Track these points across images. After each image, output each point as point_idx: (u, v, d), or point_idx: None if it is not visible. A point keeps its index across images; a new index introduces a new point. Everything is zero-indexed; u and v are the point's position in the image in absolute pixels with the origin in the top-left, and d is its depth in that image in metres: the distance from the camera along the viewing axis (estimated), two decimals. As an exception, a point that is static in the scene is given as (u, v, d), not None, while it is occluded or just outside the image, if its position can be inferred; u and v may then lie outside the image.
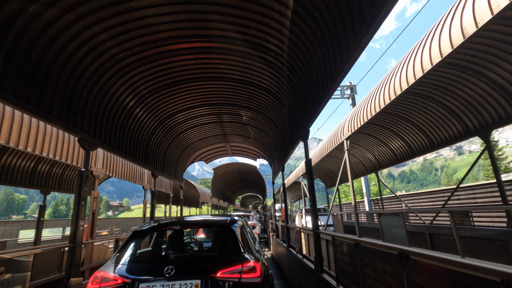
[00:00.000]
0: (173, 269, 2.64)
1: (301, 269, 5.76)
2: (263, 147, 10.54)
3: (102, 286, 2.63)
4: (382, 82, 5.11)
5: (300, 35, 3.90)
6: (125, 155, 6.11)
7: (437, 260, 1.73)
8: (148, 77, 5.46)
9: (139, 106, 6.09)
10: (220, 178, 20.27)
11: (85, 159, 4.70)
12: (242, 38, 4.63)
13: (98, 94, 4.86)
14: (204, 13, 4.12)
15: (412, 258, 2.08)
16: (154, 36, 4.48)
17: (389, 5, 2.06)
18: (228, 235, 3.28)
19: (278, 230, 11.82)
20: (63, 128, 4.15)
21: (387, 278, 2.45)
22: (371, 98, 5.45)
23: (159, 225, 3.50)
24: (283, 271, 8.85)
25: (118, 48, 4.40)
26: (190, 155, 11.04)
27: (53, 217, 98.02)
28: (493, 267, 1.28)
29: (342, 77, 3.14)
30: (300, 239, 6.65)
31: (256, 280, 2.72)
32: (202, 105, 7.40)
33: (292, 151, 6.85)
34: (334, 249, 3.99)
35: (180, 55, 5.15)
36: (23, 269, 3.58)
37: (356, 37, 2.60)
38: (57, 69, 3.86)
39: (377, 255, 2.65)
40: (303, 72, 4.48)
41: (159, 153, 8.32)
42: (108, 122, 5.36)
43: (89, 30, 3.83)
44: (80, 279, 4.35)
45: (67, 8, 3.41)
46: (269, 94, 6.30)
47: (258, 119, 7.99)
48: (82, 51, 4.04)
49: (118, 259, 2.93)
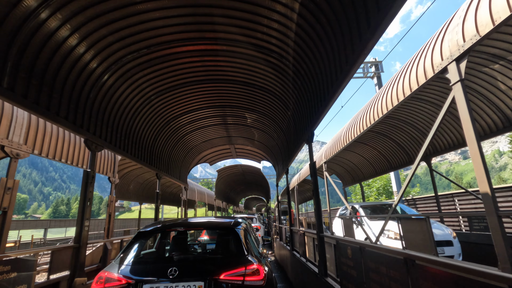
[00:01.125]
0: (177, 271, 2.64)
1: (304, 272, 5.72)
2: (267, 150, 10.54)
3: (106, 286, 2.64)
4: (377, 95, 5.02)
5: (305, 38, 3.91)
6: (131, 156, 6.16)
7: (444, 265, 1.71)
8: (153, 79, 5.51)
9: (144, 108, 6.14)
10: (224, 180, 20.27)
11: (91, 160, 4.75)
12: (248, 40, 4.65)
13: (105, 96, 4.91)
14: (209, 16, 4.16)
15: (418, 263, 2.06)
16: (161, 39, 4.53)
17: (395, 9, 2.05)
18: (231, 237, 3.28)
19: (281, 233, 11.77)
20: (70, 129, 4.21)
21: (392, 284, 2.42)
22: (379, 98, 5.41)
23: (163, 226, 3.51)
24: (287, 274, 8.80)
25: (125, 50, 4.46)
26: (195, 156, 11.08)
27: (53, 217, 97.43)
28: (501, 273, 1.25)
29: (348, 79, 3.13)
30: (304, 242, 6.61)
31: (260, 283, 2.70)
32: (207, 107, 7.44)
33: (297, 153, 6.83)
34: (338, 253, 3.96)
35: (186, 58, 5.19)
36: (28, 268, 3.62)
37: (361, 40, 2.60)
38: (65, 71, 3.92)
39: (382, 259, 2.62)
40: (308, 75, 4.48)
41: (164, 154, 8.37)
42: (114, 124, 5.42)
43: (96, 32, 3.89)
44: (85, 279, 4.38)
45: (75, 11, 3.46)
46: (274, 96, 6.30)
47: (263, 121, 8.00)
48: (89, 54, 4.10)
49: (122, 260, 2.94)
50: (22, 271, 3.51)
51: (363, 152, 10.27)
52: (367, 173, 11.06)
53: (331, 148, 7.22)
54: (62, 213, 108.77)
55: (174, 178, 9.62)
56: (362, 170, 11.21)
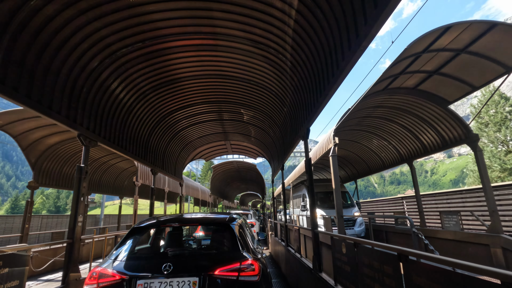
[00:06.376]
0: (171, 266, 2.63)
1: (299, 268, 5.77)
2: (263, 146, 10.53)
3: (100, 282, 2.62)
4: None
5: (302, 35, 3.88)
6: (125, 151, 6.10)
7: (437, 261, 1.73)
8: (148, 73, 5.44)
9: (139, 102, 6.07)
10: (219, 176, 20.25)
11: (85, 155, 4.69)
12: (245, 36, 4.61)
13: (99, 90, 4.84)
14: (206, 10, 4.10)
15: (411, 259, 2.08)
16: (156, 33, 4.46)
17: (391, 5, 2.05)
18: (226, 233, 3.27)
19: (276, 229, 11.83)
20: (63, 123, 4.14)
21: (385, 279, 2.44)
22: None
23: (158, 222, 3.49)
24: (282, 269, 8.87)
25: (119, 44, 4.39)
26: (190, 152, 11.03)
27: (11, 212, 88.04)
28: (494, 269, 1.27)
29: (343, 76, 3.13)
30: (298, 238, 6.65)
31: (254, 279, 2.71)
32: (203, 102, 7.39)
33: (292, 150, 6.84)
34: (333, 248, 3.99)
35: (182, 52, 5.13)
36: (21, 263, 3.58)
37: (358, 37, 2.59)
38: (57, 64, 3.84)
39: (375, 255, 2.64)
40: (305, 71, 4.47)
41: (159, 150, 8.31)
42: (108, 118, 5.35)
43: (90, 25, 3.82)
44: (79, 274, 4.35)
45: (68, 3, 3.39)
46: (270, 92, 6.28)
47: (259, 117, 7.98)
48: (82, 47, 4.03)
49: (116, 256, 2.92)
50: (15, 266, 3.47)
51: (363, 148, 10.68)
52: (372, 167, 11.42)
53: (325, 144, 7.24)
54: (23, 208, 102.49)
55: (169, 174, 9.58)
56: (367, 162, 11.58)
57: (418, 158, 8.36)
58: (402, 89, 6.58)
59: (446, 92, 6.32)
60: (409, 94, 6.63)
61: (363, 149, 10.54)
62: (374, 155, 10.35)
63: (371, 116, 8.07)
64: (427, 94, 6.59)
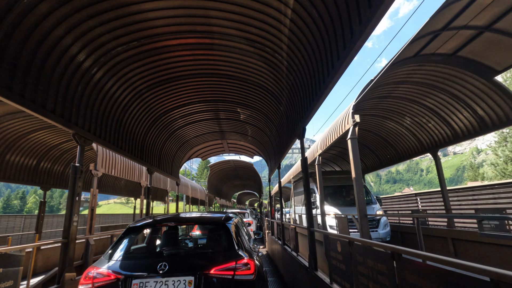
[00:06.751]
0: (167, 266, 2.63)
1: (295, 266, 5.79)
2: (260, 145, 10.54)
3: (95, 282, 2.61)
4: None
5: (298, 34, 3.89)
6: (121, 151, 6.07)
7: (429, 259, 1.75)
8: (144, 72, 5.41)
9: (135, 101, 6.04)
10: (216, 175, 20.24)
11: (80, 154, 4.66)
12: (241, 35, 4.60)
13: (94, 89, 4.81)
14: (202, 8, 4.09)
15: (404, 257, 2.10)
16: (151, 31, 4.44)
17: (385, 5, 2.06)
18: (222, 232, 3.28)
19: (273, 228, 11.86)
20: (57, 122, 4.11)
21: (379, 277, 2.46)
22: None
23: (154, 221, 3.49)
24: (278, 268, 8.90)
25: (114, 42, 4.36)
26: (187, 151, 11.01)
27: (2, 212, 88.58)
28: (484, 267, 1.29)
29: (339, 75, 3.14)
30: (295, 237, 6.67)
31: (250, 277, 2.72)
32: (199, 101, 7.37)
33: (289, 149, 6.85)
34: (328, 247, 4.02)
35: (177, 51, 5.11)
36: (15, 264, 3.55)
37: (353, 36, 2.60)
38: (51, 63, 3.81)
39: (369, 253, 2.67)
40: (301, 70, 4.47)
41: (155, 149, 8.28)
42: (103, 118, 5.32)
43: (84, 24, 3.78)
44: (74, 274, 4.33)
45: (62, 1, 3.36)
46: (267, 91, 6.28)
47: (255, 116, 7.98)
48: (77, 45, 3.99)
49: (112, 255, 2.91)
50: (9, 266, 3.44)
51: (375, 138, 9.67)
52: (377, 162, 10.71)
53: (324, 140, 7.08)
54: (15, 208, 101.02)
55: (165, 173, 9.55)
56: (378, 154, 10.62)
57: (445, 146, 7.23)
58: (436, 56, 5.26)
59: (495, 58, 4.99)
60: (444, 63, 5.36)
61: (374, 138, 9.27)
62: (388, 145, 9.22)
63: (390, 96, 6.91)
64: (468, 62, 5.28)
